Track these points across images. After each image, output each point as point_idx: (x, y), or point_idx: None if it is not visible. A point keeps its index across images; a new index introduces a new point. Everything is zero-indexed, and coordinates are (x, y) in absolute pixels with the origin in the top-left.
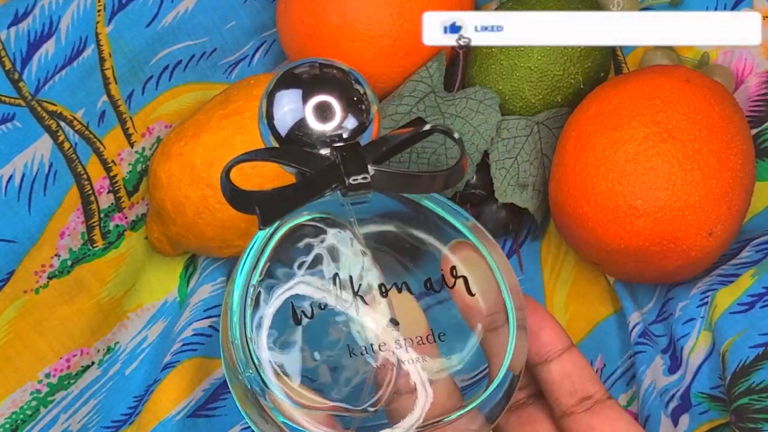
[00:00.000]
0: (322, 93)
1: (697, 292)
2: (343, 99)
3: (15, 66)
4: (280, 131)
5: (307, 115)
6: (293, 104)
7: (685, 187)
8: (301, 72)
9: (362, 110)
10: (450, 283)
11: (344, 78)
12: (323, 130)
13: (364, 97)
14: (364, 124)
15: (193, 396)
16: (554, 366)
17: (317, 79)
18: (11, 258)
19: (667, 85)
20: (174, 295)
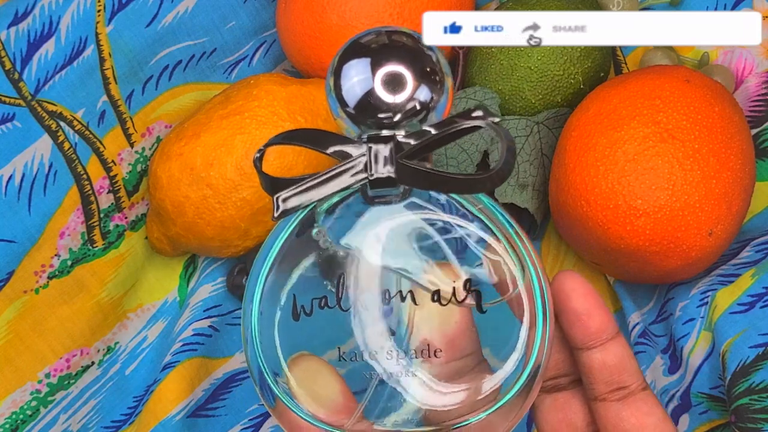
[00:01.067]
0: (392, 62)
1: (697, 292)
2: (415, 68)
3: (15, 66)
4: (349, 103)
5: (377, 85)
6: (362, 74)
7: (685, 187)
8: (369, 40)
9: (436, 81)
10: (460, 297)
11: (415, 45)
12: (394, 102)
13: (437, 66)
14: (438, 96)
15: (193, 396)
16: (596, 354)
17: (386, 48)
18: (11, 258)
19: (667, 85)
20: (174, 295)
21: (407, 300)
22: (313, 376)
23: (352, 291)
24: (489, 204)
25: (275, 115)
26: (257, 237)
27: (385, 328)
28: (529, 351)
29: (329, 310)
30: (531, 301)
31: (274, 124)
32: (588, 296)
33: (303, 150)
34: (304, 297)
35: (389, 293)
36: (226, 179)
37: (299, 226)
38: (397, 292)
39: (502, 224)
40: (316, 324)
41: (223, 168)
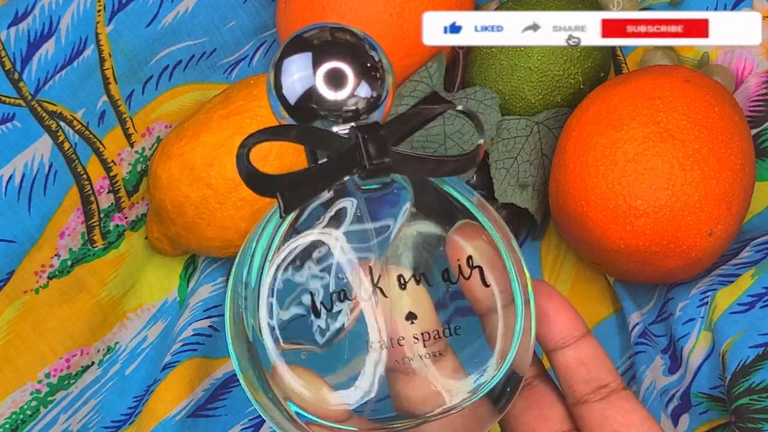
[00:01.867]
0: (333, 59)
1: (697, 292)
2: (357, 66)
3: (15, 66)
4: (290, 100)
5: (318, 82)
6: (303, 71)
7: (685, 187)
8: (311, 36)
9: (377, 78)
10: (466, 274)
11: (358, 43)
12: (335, 99)
13: (379, 65)
14: (379, 94)
15: (193, 396)
16: (570, 352)
17: (329, 44)
18: (11, 258)
19: (667, 85)
20: (174, 295)
21: (422, 282)
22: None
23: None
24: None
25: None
26: None
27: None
28: (506, 345)
29: (349, 302)
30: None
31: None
32: (552, 295)
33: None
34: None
35: (403, 278)
36: (226, 179)
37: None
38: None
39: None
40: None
41: (223, 168)
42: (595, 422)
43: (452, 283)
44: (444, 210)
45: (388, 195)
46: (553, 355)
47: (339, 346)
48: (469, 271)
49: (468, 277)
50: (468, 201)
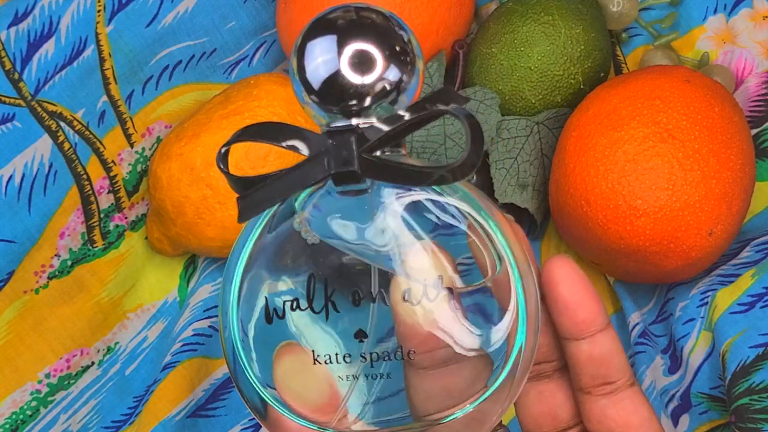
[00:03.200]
0: (359, 40)
1: (697, 292)
2: (385, 47)
3: (15, 66)
4: (314, 85)
5: (343, 65)
6: (327, 54)
7: (685, 187)
8: (335, 17)
9: (406, 62)
10: (431, 296)
11: (385, 23)
12: (362, 83)
13: (408, 46)
14: (409, 77)
15: (193, 396)
16: (584, 346)
17: (354, 25)
18: (11, 258)
19: (667, 85)
20: (174, 295)
21: (377, 301)
22: (297, 373)
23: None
24: (465, 194)
25: (275, 116)
26: None
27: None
28: (511, 339)
29: (302, 312)
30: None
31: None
32: (578, 284)
33: None
34: (277, 298)
35: (359, 293)
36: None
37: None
38: (367, 292)
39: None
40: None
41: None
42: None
43: (413, 305)
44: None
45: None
46: (566, 343)
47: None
48: (436, 293)
49: (433, 300)
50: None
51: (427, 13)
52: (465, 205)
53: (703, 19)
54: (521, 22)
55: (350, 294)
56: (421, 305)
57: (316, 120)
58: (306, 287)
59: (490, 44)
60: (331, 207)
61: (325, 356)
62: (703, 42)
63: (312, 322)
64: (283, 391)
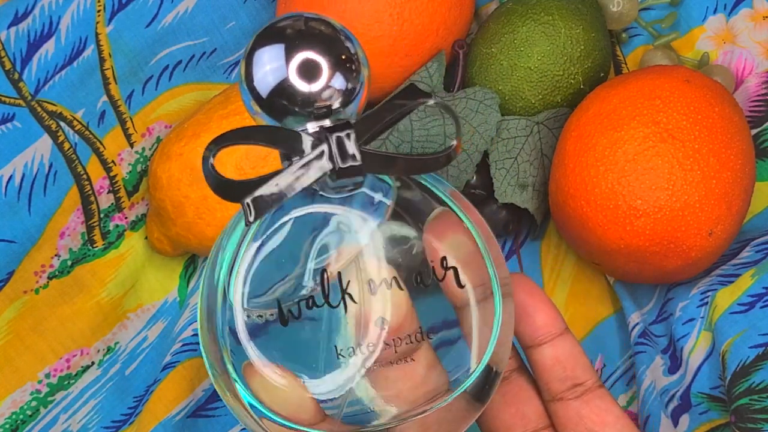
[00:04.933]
0: (307, 49)
1: (697, 292)
2: (331, 57)
3: (15, 66)
4: (261, 93)
5: (291, 73)
6: (275, 62)
7: (685, 187)
8: (285, 26)
9: (352, 70)
10: (440, 275)
11: (333, 34)
12: (309, 91)
13: (354, 56)
14: (354, 86)
15: (193, 396)
16: (547, 350)
17: (302, 34)
18: (11, 258)
19: (667, 85)
20: (174, 295)
21: (393, 286)
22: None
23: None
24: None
25: None
26: None
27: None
28: (484, 341)
29: (318, 309)
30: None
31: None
32: (534, 292)
33: None
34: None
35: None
36: None
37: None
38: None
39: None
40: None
41: (223, 168)
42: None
43: (425, 286)
44: (422, 207)
45: (365, 194)
46: (530, 352)
47: (312, 349)
48: (443, 272)
49: (441, 279)
50: (443, 193)
51: (427, 13)
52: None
53: (703, 19)
54: (521, 22)
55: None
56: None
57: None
58: (320, 282)
59: (490, 44)
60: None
61: (347, 349)
62: (703, 42)
63: (331, 316)
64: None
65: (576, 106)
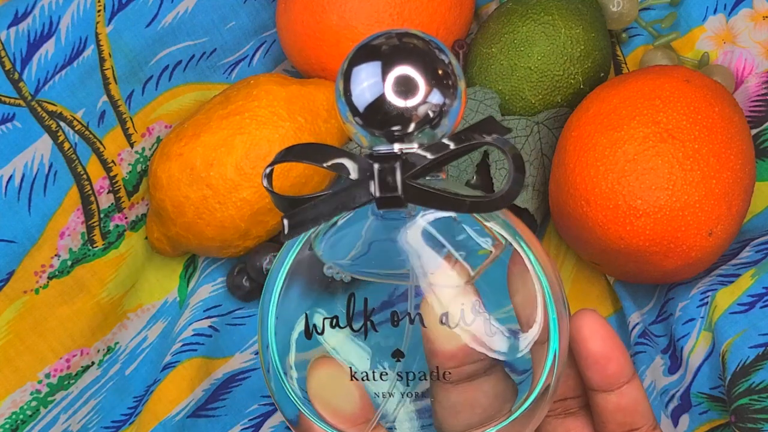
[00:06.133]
0: (402, 65)
1: (697, 292)
2: (427, 71)
3: (15, 66)
4: (359, 108)
5: (387, 90)
6: (372, 78)
7: (685, 187)
8: (379, 43)
9: (448, 85)
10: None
11: (426, 48)
12: (405, 106)
13: (449, 68)
14: (451, 100)
15: (193, 396)
16: (612, 397)
17: (397, 50)
18: (11, 258)
19: (667, 85)
20: (174, 295)
21: (416, 322)
22: (331, 385)
23: (363, 311)
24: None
25: (275, 115)
26: (257, 237)
27: (394, 350)
28: (539, 367)
29: (341, 330)
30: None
31: (274, 124)
32: (608, 339)
33: None
34: (317, 315)
35: (398, 315)
36: (226, 179)
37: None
38: (405, 313)
39: (508, 229)
40: (329, 342)
41: (223, 168)
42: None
43: (450, 328)
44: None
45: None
46: (593, 393)
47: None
48: (473, 318)
49: (470, 324)
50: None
51: (427, 12)
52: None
53: (703, 19)
54: (521, 22)
55: (389, 314)
56: (460, 328)
57: (357, 139)
58: (345, 306)
59: (490, 44)
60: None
61: (362, 373)
62: (703, 42)
63: (350, 340)
64: (316, 402)
65: (576, 106)
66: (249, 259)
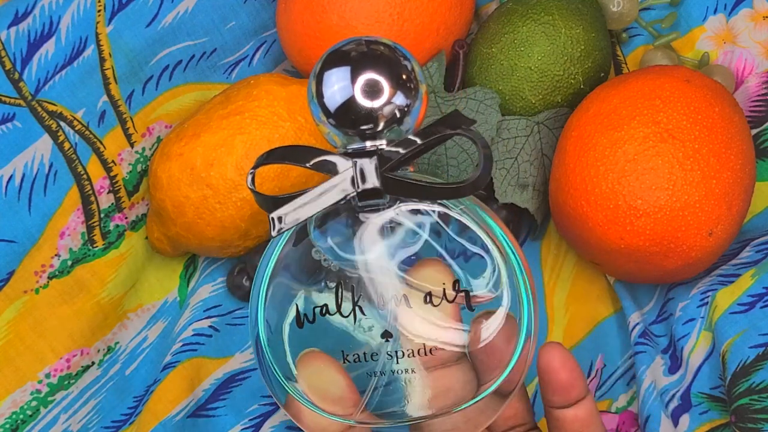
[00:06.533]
0: (370, 70)
1: (697, 292)
2: (392, 76)
3: (15, 66)
4: (330, 109)
5: (356, 92)
6: (342, 82)
7: (686, 187)
8: (349, 50)
9: (410, 88)
10: (450, 297)
11: (392, 54)
12: (372, 107)
13: (412, 74)
14: (413, 101)
15: (193, 396)
16: (570, 410)
17: (365, 56)
18: (11, 258)
19: (667, 85)
20: (174, 295)
21: (401, 303)
22: (319, 375)
23: (350, 297)
24: (470, 205)
25: (275, 115)
26: (257, 237)
27: (383, 331)
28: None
29: (330, 317)
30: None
31: (275, 124)
32: (573, 369)
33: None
34: (307, 305)
35: (384, 297)
36: (226, 179)
37: (294, 235)
38: (391, 296)
39: (486, 224)
40: (319, 330)
41: (224, 168)
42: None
43: (434, 306)
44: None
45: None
46: (551, 409)
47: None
48: (454, 295)
49: (452, 301)
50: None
51: (427, 12)
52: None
53: (703, 19)
54: (521, 22)
55: (376, 298)
56: (440, 307)
57: (329, 139)
58: (334, 294)
59: (490, 44)
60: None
61: (353, 355)
62: (704, 42)
63: (341, 325)
64: (308, 391)
65: (576, 106)
66: (249, 259)
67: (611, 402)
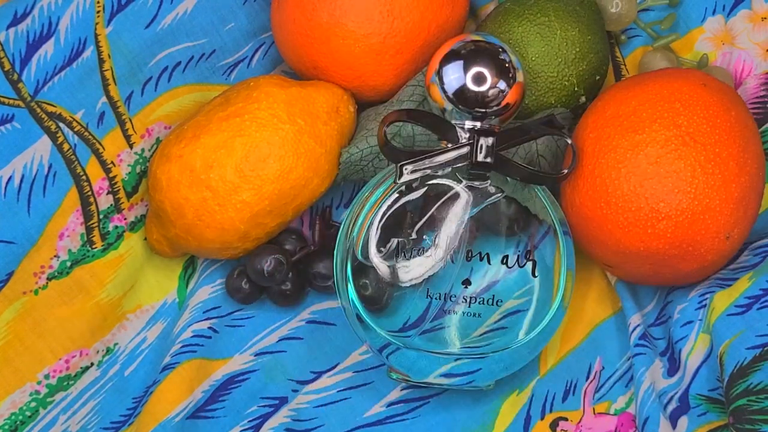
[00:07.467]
0: (477, 64)
1: (696, 294)
2: (494, 67)
3: (14, 67)
4: (449, 93)
5: (467, 81)
6: (457, 73)
7: (707, 190)
8: (460, 48)
9: (509, 77)
10: (522, 263)
11: (493, 50)
12: (478, 91)
13: (509, 65)
14: (509, 87)
15: (192, 397)
16: None
17: (473, 53)
18: (10, 259)
19: (685, 88)
20: (173, 296)
21: (484, 260)
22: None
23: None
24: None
25: (275, 117)
26: (257, 239)
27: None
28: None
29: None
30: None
31: (274, 127)
32: None
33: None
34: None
35: (471, 252)
36: (225, 181)
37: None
38: (477, 252)
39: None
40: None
41: (223, 170)
42: None
43: (508, 268)
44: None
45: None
46: None
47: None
48: (525, 261)
49: (522, 266)
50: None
51: (418, 10)
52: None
53: (702, 20)
54: (517, 23)
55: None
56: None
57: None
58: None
59: None
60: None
61: (437, 294)
62: (702, 43)
63: (431, 266)
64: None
65: (569, 108)
66: (249, 261)
67: (610, 404)
